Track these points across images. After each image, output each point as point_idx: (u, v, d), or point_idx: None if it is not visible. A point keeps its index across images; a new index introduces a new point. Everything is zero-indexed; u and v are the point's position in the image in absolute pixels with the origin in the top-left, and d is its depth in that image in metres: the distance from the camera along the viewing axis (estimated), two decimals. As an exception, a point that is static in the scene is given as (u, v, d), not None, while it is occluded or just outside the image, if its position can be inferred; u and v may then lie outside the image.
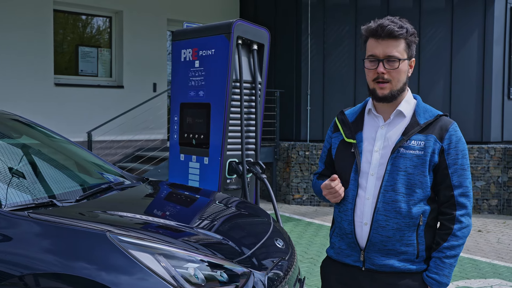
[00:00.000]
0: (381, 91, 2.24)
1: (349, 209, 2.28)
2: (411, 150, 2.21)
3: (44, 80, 9.11)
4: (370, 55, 2.24)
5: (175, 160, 5.54)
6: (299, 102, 10.42)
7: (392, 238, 2.21)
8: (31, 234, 2.59)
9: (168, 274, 2.45)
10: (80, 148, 4.17)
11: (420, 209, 2.21)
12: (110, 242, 2.50)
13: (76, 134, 9.05)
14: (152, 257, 2.48)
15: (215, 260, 2.61)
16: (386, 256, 2.23)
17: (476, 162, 9.30)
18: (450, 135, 2.23)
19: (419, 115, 2.28)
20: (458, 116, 9.84)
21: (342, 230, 2.33)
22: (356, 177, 2.28)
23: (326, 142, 2.49)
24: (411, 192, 2.20)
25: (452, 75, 9.94)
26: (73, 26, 10.03)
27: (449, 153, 2.22)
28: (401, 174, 2.20)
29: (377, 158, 2.26)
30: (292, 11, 10.59)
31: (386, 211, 2.21)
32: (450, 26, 9.93)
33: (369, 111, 2.36)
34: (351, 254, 2.31)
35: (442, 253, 2.22)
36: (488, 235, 7.69)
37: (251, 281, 2.64)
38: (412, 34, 2.23)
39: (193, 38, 5.32)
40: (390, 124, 2.30)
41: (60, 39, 9.73)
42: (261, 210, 3.86)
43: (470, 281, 5.53)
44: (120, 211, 2.97)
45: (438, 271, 2.22)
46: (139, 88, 10.04)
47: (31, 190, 3.13)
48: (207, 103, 5.18)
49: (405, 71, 2.25)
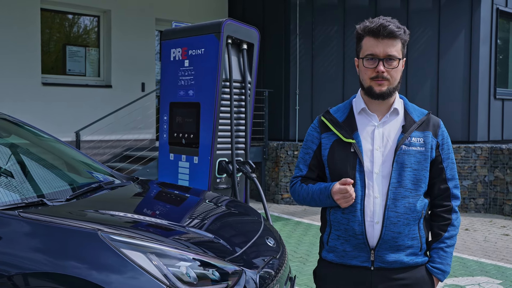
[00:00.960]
0: (379, 88, 2.26)
1: (358, 210, 2.26)
2: (413, 147, 2.28)
3: (31, 80, 9.04)
4: (369, 54, 2.24)
5: (165, 160, 5.53)
6: (288, 102, 10.44)
7: (402, 233, 2.25)
8: (22, 233, 2.58)
9: (160, 273, 2.45)
10: (69, 148, 4.15)
11: (423, 202, 2.29)
12: (102, 241, 2.50)
13: (64, 134, 8.99)
14: (144, 256, 2.48)
15: (207, 258, 2.61)
16: (395, 252, 2.26)
17: (463, 162, 9.37)
18: (442, 131, 2.36)
19: (412, 113, 2.35)
20: (445, 115, 9.91)
21: (349, 232, 2.28)
22: (362, 177, 2.27)
23: (311, 143, 2.42)
24: (417, 187, 2.27)
25: (439, 75, 10.02)
26: (61, 25, 9.97)
27: (443, 148, 2.34)
28: (407, 170, 2.25)
29: (379, 156, 2.28)
30: (281, 11, 10.61)
31: (397, 208, 2.24)
32: (437, 26, 10.00)
33: (361, 111, 2.35)
34: (358, 255, 2.29)
35: (444, 243, 2.33)
36: (475, 234, 7.76)
37: (243, 279, 2.64)
38: (407, 35, 2.29)
39: (183, 37, 5.32)
40: (386, 122, 2.32)
41: (48, 38, 9.67)
42: (251, 209, 3.86)
43: (458, 279, 5.58)
44: (111, 210, 2.96)
45: (442, 261, 2.32)
46: (127, 88, 10.00)
47: (20, 189, 3.11)
48: (196, 102, 5.18)
49: (400, 70, 2.31)
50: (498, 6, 10.23)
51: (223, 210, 3.65)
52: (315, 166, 2.42)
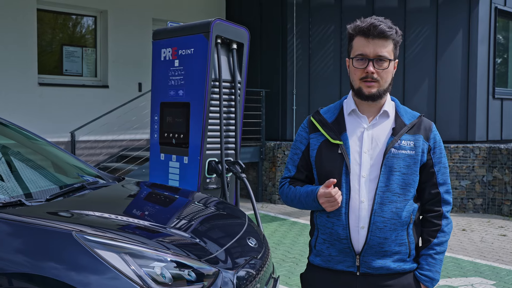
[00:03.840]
0: (368, 90, 2.20)
1: (343, 214, 2.20)
2: (403, 150, 2.21)
3: (28, 80, 9.04)
4: (359, 54, 2.18)
5: (156, 160, 5.52)
6: (285, 102, 10.42)
7: (389, 239, 2.18)
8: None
9: (134, 274, 2.44)
10: (57, 149, 4.13)
11: (411, 207, 2.22)
12: (76, 241, 2.49)
13: (60, 134, 9.00)
14: (118, 256, 2.46)
15: (183, 259, 2.60)
16: (382, 258, 2.19)
17: (461, 162, 9.33)
18: (434, 134, 2.29)
19: (403, 116, 2.29)
20: (443, 115, 9.88)
21: (334, 236, 2.23)
22: (347, 180, 2.20)
23: (299, 143, 2.37)
24: (406, 192, 2.21)
25: (437, 75, 9.97)
26: (58, 26, 9.97)
27: (434, 152, 2.27)
28: (396, 174, 2.19)
29: (367, 159, 2.21)
30: (278, 11, 10.59)
31: (383, 212, 2.18)
32: (435, 25, 9.96)
33: (351, 112, 2.30)
34: (343, 260, 2.23)
35: (433, 249, 2.25)
36: (472, 234, 7.72)
37: (219, 279, 2.62)
38: (399, 35, 2.22)
39: (173, 37, 5.30)
40: (375, 125, 2.26)
41: (44, 38, 9.67)
42: (237, 210, 3.84)
43: (451, 280, 5.55)
44: (90, 210, 2.94)
45: (430, 268, 2.25)
46: (124, 88, 10.00)
47: (1, 189, 3.09)
48: (186, 102, 5.16)
49: (391, 71, 2.24)
50: (497, 5, 10.18)
51: (206, 211, 3.63)
52: (303, 167, 2.37)
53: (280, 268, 5.85)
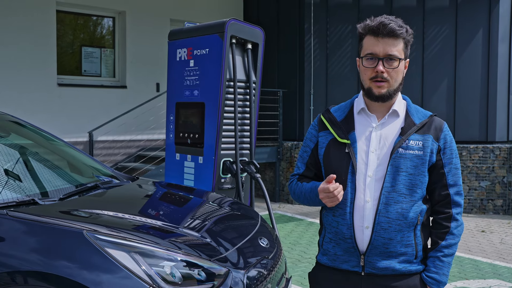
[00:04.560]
0: (378, 90, 2.17)
1: (348, 213, 2.19)
2: (411, 150, 2.17)
3: (47, 80, 9.15)
4: (369, 53, 2.16)
5: (171, 160, 5.54)
6: (302, 102, 10.39)
7: (394, 240, 2.16)
8: (9, 231, 2.59)
9: (144, 273, 2.45)
10: (72, 149, 4.18)
11: (419, 208, 2.19)
12: (87, 240, 2.51)
13: (78, 134, 9.10)
14: (128, 255, 2.48)
15: (193, 259, 2.60)
16: (387, 259, 2.17)
17: (481, 162, 9.21)
18: (445, 135, 2.24)
19: (413, 115, 2.25)
20: (463, 115, 9.76)
21: (339, 235, 2.22)
22: (353, 179, 2.19)
23: (309, 141, 2.36)
24: (412, 192, 2.17)
25: (457, 74, 9.85)
26: (76, 27, 10.08)
27: (445, 153, 2.22)
28: (402, 175, 2.16)
29: (374, 159, 2.19)
30: (295, 11, 10.56)
31: (388, 213, 2.15)
32: (454, 24, 9.84)
33: (360, 111, 2.28)
34: (348, 259, 2.22)
35: (441, 252, 2.21)
36: (491, 236, 7.61)
37: (229, 279, 2.62)
38: (410, 34, 2.19)
39: (188, 37, 5.32)
40: (384, 124, 2.24)
41: (64, 39, 9.78)
42: (251, 210, 3.84)
43: (469, 282, 5.48)
44: (102, 210, 2.97)
45: (437, 271, 2.21)
46: (142, 88, 10.06)
47: (15, 188, 3.13)
48: (201, 102, 5.17)
49: (402, 71, 2.20)
50: (518, 3, 10.03)
51: (219, 211, 3.63)
52: (312, 165, 2.36)
53: (295, 269, 5.84)
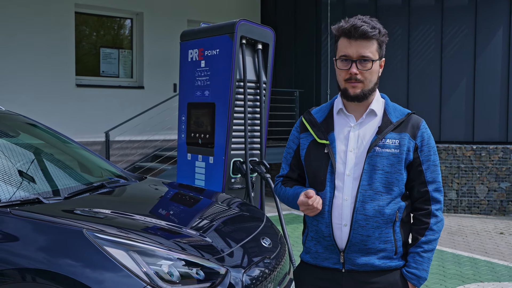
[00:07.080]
0: (353, 90, 2.21)
1: (326, 212, 2.23)
2: (387, 148, 2.21)
3: (66, 81, 9.28)
4: (343, 55, 2.19)
5: (183, 160, 5.57)
6: (319, 102, 10.35)
7: (372, 236, 2.20)
8: (11, 229, 2.64)
9: (142, 271, 2.47)
10: (82, 148, 4.23)
11: (396, 205, 2.22)
12: (86, 239, 2.54)
13: (95, 135, 9.20)
14: (126, 254, 2.50)
15: (192, 258, 2.61)
16: (366, 255, 2.22)
17: (500, 163, 9.07)
18: (422, 132, 2.26)
19: (390, 114, 2.28)
20: (482, 115, 9.62)
21: (319, 234, 2.27)
22: (332, 178, 2.23)
23: (292, 142, 2.42)
24: (389, 190, 2.21)
25: (476, 74, 9.72)
26: (95, 28, 10.20)
27: (422, 150, 2.25)
28: (378, 173, 2.20)
29: (352, 158, 2.23)
30: (312, 11, 10.53)
31: (366, 210, 2.19)
32: (473, 23, 9.71)
33: (339, 111, 2.31)
34: (329, 257, 2.27)
35: (420, 247, 2.25)
36: (510, 238, 7.49)
37: (227, 279, 2.63)
38: (384, 35, 2.21)
39: (199, 38, 5.35)
40: (362, 123, 2.27)
41: (82, 41, 9.91)
42: (257, 211, 3.84)
43: (483, 284, 5.40)
44: (105, 209, 3.00)
45: (417, 266, 2.25)
46: (159, 89, 10.14)
47: (21, 187, 3.18)
48: (212, 102, 5.20)
49: (376, 71, 2.24)
50: (539, 1, 9.85)
51: (223, 211, 3.64)
52: (295, 166, 2.41)
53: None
